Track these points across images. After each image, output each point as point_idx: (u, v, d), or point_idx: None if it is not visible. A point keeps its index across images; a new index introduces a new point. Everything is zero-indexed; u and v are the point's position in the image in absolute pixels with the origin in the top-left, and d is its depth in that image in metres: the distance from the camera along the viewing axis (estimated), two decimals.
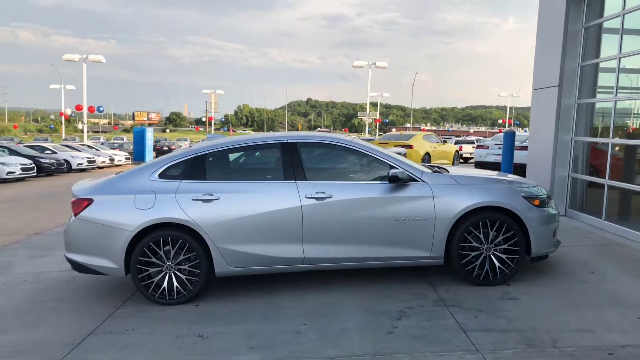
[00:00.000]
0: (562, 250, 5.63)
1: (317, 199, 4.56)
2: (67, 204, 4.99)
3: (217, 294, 4.79)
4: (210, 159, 4.79)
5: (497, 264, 4.74)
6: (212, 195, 4.53)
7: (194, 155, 4.76)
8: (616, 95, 6.99)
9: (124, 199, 4.52)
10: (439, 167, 5.49)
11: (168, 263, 4.50)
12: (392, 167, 4.74)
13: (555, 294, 4.55)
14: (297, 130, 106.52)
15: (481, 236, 4.70)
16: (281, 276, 5.09)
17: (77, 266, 4.63)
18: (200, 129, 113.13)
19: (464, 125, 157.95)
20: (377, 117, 55.01)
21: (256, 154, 5.25)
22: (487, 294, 4.54)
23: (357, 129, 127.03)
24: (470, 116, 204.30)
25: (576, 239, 6.49)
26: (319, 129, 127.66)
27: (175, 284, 4.52)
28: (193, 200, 4.50)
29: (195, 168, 4.70)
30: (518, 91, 73.01)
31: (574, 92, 7.85)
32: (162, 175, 4.65)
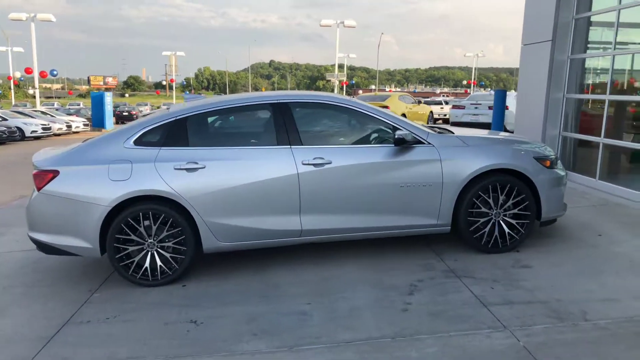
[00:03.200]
0: None
1: (315, 165, 4.12)
2: (24, 175, 4.38)
3: (205, 271, 4.34)
4: (192, 122, 4.24)
5: (506, 229, 4.45)
6: (196, 163, 4.01)
7: (174, 119, 4.20)
8: (614, 49, 6.71)
9: (96, 169, 3.95)
10: (440, 128, 5.11)
11: (149, 240, 4.01)
12: (396, 128, 4.32)
13: (569, 259, 4.32)
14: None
15: (490, 201, 4.38)
16: (274, 250, 4.66)
17: (44, 247, 4.07)
18: (161, 92, 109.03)
19: (428, 87, 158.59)
20: (345, 79, 54.09)
21: (244, 116, 4.72)
22: (498, 263, 4.27)
23: (324, 91, 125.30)
24: (434, 77, 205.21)
25: (574, 199, 6.29)
26: None
27: (159, 263, 4.04)
28: (175, 169, 3.98)
29: (176, 133, 4.15)
30: (482, 51, 73.13)
31: (567, 46, 7.53)
32: (138, 142, 4.09)
